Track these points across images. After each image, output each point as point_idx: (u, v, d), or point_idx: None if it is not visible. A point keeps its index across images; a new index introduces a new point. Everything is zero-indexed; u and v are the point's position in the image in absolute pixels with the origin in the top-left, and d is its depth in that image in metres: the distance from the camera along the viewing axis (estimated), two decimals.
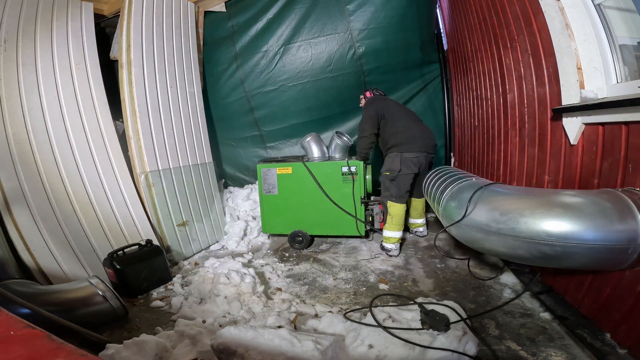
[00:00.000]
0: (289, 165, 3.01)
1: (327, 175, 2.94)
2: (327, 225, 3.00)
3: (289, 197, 3.04)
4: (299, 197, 3.01)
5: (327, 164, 2.96)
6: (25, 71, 2.33)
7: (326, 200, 2.94)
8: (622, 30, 1.52)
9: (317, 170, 2.95)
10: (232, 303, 2.03)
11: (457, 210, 1.63)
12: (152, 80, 2.88)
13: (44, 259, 2.12)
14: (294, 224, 3.04)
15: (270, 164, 3.06)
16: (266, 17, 3.58)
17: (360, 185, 2.88)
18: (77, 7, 2.77)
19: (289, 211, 3.05)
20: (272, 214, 3.11)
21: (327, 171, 2.94)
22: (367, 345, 1.46)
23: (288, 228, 3.06)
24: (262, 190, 3.09)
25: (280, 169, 3.02)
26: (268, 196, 3.09)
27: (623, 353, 1.25)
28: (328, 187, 2.94)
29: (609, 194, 1.21)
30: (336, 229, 3.00)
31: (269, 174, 3.05)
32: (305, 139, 3.20)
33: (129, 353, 1.43)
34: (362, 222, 2.92)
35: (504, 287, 2.02)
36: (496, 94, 2.47)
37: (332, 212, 2.95)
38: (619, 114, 1.29)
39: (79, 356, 0.60)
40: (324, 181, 2.94)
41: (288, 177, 3.01)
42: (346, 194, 2.90)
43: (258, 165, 3.08)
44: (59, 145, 2.41)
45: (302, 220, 3.03)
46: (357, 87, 3.63)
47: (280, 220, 3.10)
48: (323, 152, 3.18)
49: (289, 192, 3.03)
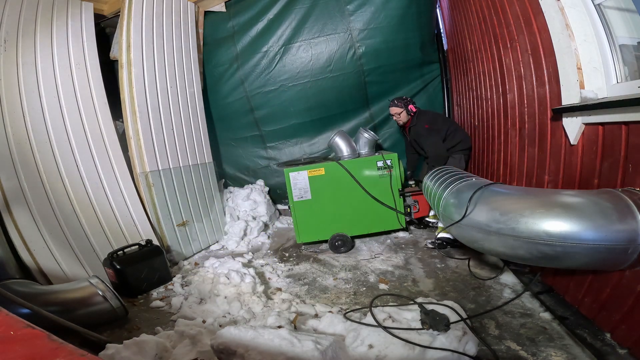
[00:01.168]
0: (321, 166, 2.87)
1: (362, 171, 2.88)
2: (368, 223, 2.95)
3: (324, 200, 2.90)
4: (335, 199, 2.89)
5: (361, 160, 2.90)
6: (25, 71, 2.33)
7: (364, 198, 2.87)
8: (622, 30, 1.51)
9: (351, 167, 2.87)
10: (232, 303, 2.03)
11: (457, 210, 1.63)
12: (152, 80, 2.88)
13: (44, 259, 2.12)
14: (333, 227, 2.90)
15: (298, 167, 2.87)
16: (267, 18, 3.58)
17: (397, 178, 2.87)
18: (77, 7, 2.77)
19: (326, 215, 2.91)
20: (308, 221, 2.93)
21: (363, 167, 2.88)
22: (367, 345, 1.46)
23: (327, 233, 2.90)
24: (293, 196, 2.88)
25: (311, 171, 2.87)
26: (301, 202, 2.89)
27: (623, 353, 1.25)
28: (365, 183, 2.88)
29: (609, 194, 1.21)
30: (377, 225, 2.95)
31: (299, 177, 2.86)
32: (332, 138, 3.04)
33: (129, 353, 1.43)
34: (402, 215, 2.92)
35: (504, 287, 2.02)
36: (496, 94, 2.47)
37: (371, 209, 2.89)
38: (619, 114, 1.29)
39: (79, 356, 0.59)
40: (360, 178, 2.87)
41: (321, 179, 2.87)
42: (384, 189, 2.87)
43: (285, 170, 2.88)
44: (59, 145, 2.41)
45: (340, 222, 2.91)
46: (357, 87, 3.63)
47: (317, 226, 2.93)
48: (353, 149, 3.02)
49: (324, 194, 2.89)
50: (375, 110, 3.74)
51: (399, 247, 2.85)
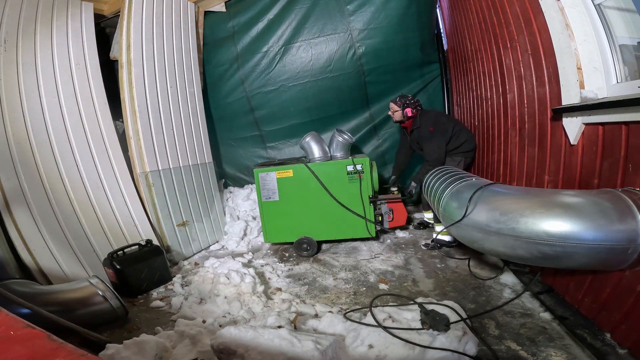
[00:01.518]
0: (289, 168, 2.81)
1: (331, 175, 2.77)
2: (335, 229, 2.85)
3: (291, 202, 2.84)
4: (302, 202, 2.83)
5: (330, 164, 2.80)
6: (25, 71, 2.33)
7: (332, 202, 2.77)
8: (622, 30, 1.51)
9: (320, 171, 2.78)
10: (232, 303, 2.03)
11: (457, 210, 1.63)
12: (152, 80, 2.88)
13: (44, 259, 2.12)
14: (299, 230, 2.85)
15: (268, 168, 2.85)
16: (267, 18, 3.59)
17: (368, 183, 2.74)
18: (77, 7, 2.77)
19: (293, 217, 2.86)
20: (274, 222, 2.91)
21: (331, 171, 2.77)
22: (367, 345, 1.46)
23: (293, 236, 2.87)
24: (262, 197, 2.88)
25: (279, 172, 2.82)
26: (268, 203, 2.88)
27: (623, 353, 1.25)
28: (333, 188, 2.77)
29: (609, 194, 1.21)
30: (345, 232, 2.85)
31: (268, 178, 2.84)
32: (304, 139, 2.97)
33: (129, 353, 1.43)
34: (372, 223, 2.78)
35: (504, 287, 2.02)
36: (496, 94, 2.47)
37: (339, 214, 2.78)
38: (619, 114, 1.29)
39: (79, 356, 0.60)
40: (328, 182, 2.77)
41: (289, 181, 2.82)
42: (353, 194, 2.74)
43: (255, 170, 2.87)
44: (59, 145, 2.41)
45: (307, 226, 2.85)
46: (357, 87, 3.63)
47: (284, 228, 2.90)
48: (325, 152, 2.95)
49: (291, 196, 2.84)
50: (375, 110, 3.74)
51: (399, 247, 2.85)
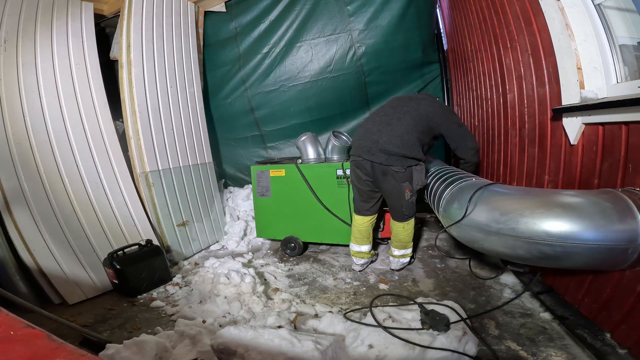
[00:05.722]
0: (282, 167, 2.85)
1: (321, 178, 2.71)
2: (322, 233, 2.80)
3: (282, 201, 2.88)
4: (292, 202, 2.84)
5: (321, 167, 2.73)
6: (25, 71, 2.33)
7: (320, 206, 2.74)
8: (622, 30, 1.51)
9: (310, 172, 2.74)
10: (232, 303, 2.03)
11: (457, 210, 1.63)
12: (152, 80, 2.88)
13: (44, 259, 2.12)
14: (288, 229, 2.90)
15: (264, 166, 2.93)
16: (268, 19, 3.61)
17: None
18: (77, 7, 2.77)
19: (283, 216, 2.90)
20: (266, 218, 2.99)
21: (321, 174, 2.70)
22: (367, 345, 1.46)
23: (281, 233, 2.92)
24: (256, 193, 2.98)
25: (273, 171, 2.88)
26: (262, 199, 2.96)
27: (623, 353, 1.25)
28: (322, 191, 2.72)
29: (609, 194, 1.21)
30: (330, 236, 2.78)
31: (263, 176, 2.92)
32: (300, 138, 2.90)
33: (129, 353, 1.43)
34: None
35: (504, 287, 2.02)
36: (496, 94, 2.47)
37: (326, 219, 2.73)
38: (619, 114, 1.29)
39: (79, 356, 0.59)
40: (317, 185, 2.73)
41: (281, 180, 2.85)
42: (341, 200, 2.65)
43: (252, 167, 2.97)
44: (59, 145, 2.41)
45: (295, 226, 2.87)
46: (357, 88, 3.63)
47: (274, 225, 2.96)
48: (319, 154, 2.88)
49: (283, 195, 2.87)
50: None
51: None
